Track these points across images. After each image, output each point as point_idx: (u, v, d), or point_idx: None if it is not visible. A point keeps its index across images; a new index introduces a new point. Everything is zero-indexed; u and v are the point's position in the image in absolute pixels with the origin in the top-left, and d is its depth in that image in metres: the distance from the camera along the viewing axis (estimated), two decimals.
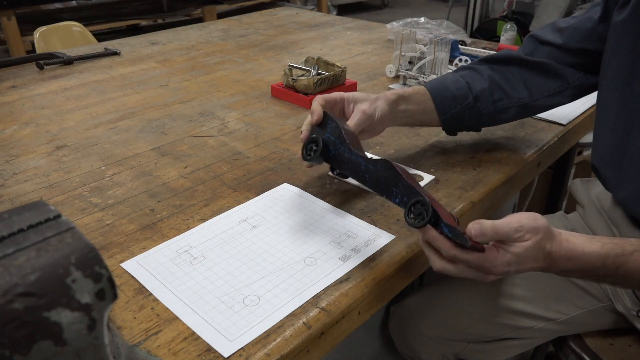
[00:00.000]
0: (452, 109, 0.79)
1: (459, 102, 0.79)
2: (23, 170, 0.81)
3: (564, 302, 0.82)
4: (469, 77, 0.81)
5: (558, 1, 3.15)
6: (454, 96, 0.79)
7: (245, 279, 0.57)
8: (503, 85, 0.80)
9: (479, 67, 0.82)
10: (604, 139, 0.74)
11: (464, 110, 0.80)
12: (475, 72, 0.81)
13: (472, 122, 0.82)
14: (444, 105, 0.79)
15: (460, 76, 0.81)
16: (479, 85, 0.80)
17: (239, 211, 0.69)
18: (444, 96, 0.79)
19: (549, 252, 0.57)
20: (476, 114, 0.80)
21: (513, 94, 0.80)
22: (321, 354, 0.54)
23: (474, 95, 0.79)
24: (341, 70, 1.08)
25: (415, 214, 0.55)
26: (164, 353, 0.48)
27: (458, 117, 0.80)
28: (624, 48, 0.68)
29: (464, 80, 0.80)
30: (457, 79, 0.80)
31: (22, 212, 0.33)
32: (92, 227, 0.67)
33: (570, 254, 0.57)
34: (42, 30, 1.83)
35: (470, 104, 0.79)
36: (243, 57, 1.40)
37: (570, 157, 1.36)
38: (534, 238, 0.55)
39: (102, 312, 0.32)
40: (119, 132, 0.94)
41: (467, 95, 0.79)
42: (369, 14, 5.73)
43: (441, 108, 0.79)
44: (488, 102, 0.80)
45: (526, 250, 0.55)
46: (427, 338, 0.89)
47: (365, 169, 0.63)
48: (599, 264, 0.57)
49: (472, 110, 0.80)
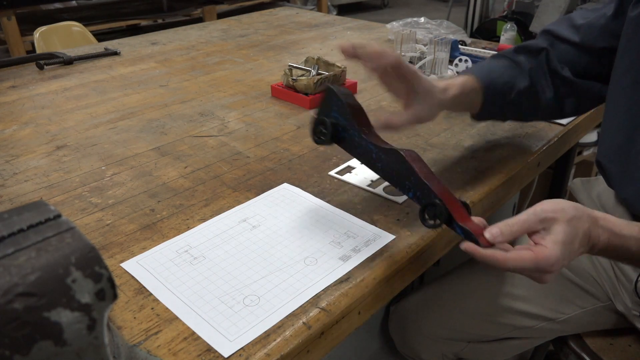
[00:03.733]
0: (495, 104, 0.79)
1: (504, 99, 0.78)
2: (23, 170, 0.81)
3: (563, 302, 0.82)
4: (513, 70, 0.79)
5: (558, 1, 3.15)
6: (502, 92, 0.78)
7: (245, 279, 0.57)
8: (537, 81, 0.79)
9: (519, 60, 0.80)
10: (611, 135, 0.74)
11: (504, 104, 0.79)
12: (517, 66, 0.80)
13: (507, 115, 0.84)
14: (491, 100, 0.78)
15: (504, 67, 0.79)
16: (521, 83, 0.79)
17: (239, 211, 0.69)
18: (493, 92, 0.77)
19: (589, 233, 0.54)
20: (513, 110, 0.81)
21: (546, 93, 0.80)
22: (321, 354, 0.54)
23: (517, 91, 0.78)
24: (341, 70, 1.08)
25: (430, 215, 0.55)
26: (164, 353, 0.48)
27: (496, 112, 0.81)
28: (636, 44, 0.68)
29: (508, 74, 0.78)
30: (503, 71, 0.79)
31: (22, 212, 0.33)
32: (92, 227, 0.67)
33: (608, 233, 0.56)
34: (42, 30, 1.83)
35: (514, 100, 0.79)
36: (243, 57, 1.40)
37: (570, 157, 1.36)
38: (564, 218, 0.53)
39: (102, 312, 0.32)
40: (119, 132, 0.94)
41: (512, 90, 0.78)
42: (369, 14, 5.73)
43: (487, 103, 0.78)
44: (526, 101, 0.80)
45: (567, 235, 0.52)
46: (427, 338, 0.89)
47: (376, 157, 0.61)
48: (635, 248, 0.56)
49: (510, 105, 0.80)
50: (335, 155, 0.85)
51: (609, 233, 0.56)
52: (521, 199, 1.39)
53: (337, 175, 0.78)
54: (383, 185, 0.75)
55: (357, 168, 0.80)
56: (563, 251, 0.52)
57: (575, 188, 0.92)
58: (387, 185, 0.75)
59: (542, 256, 0.52)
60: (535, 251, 0.52)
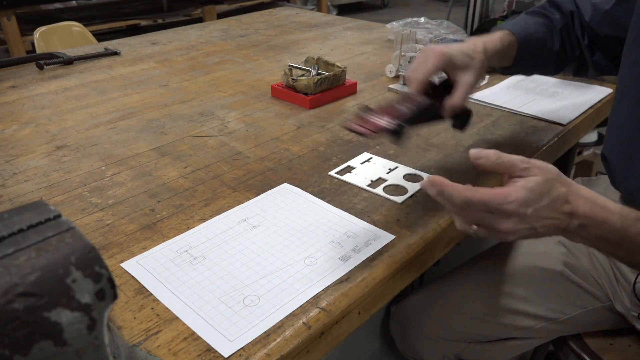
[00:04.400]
0: (527, 60, 0.81)
1: (535, 56, 0.81)
2: (23, 170, 0.81)
3: (564, 302, 0.82)
4: (546, 27, 0.82)
5: None
6: (534, 51, 0.81)
7: (245, 279, 0.57)
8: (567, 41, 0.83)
9: (554, 18, 0.83)
10: (618, 129, 0.74)
11: (536, 60, 0.82)
12: (551, 23, 0.83)
13: (533, 70, 0.88)
14: (523, 57, 0.80)
15: (539, 24, 0.82)
16: (552, 41, 0.82)
17: (239, 211, 0.69)
18: (528, 50, 0.80)
19: (566, 197, 0.52)
20: (542, 65, 0.84)
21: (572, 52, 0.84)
22: (321, 354, 0.54)
23: (548, 49, 0.82)
24: (341, 70, 1.08)
25: None
26: (164, 353, 0.48)
27: (526, 66, 0.83)
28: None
29: (541, 31, 0.81)
30: (537, 27, 0.81)
31: (22, 212, 0.33)
32: (92, 227, 0.67)
33: (590, 203, 0.52)
34: (42, 30, 1.83)
35: (544, 58, 0.82)
36: (243, 57, 1.40)
37: (570, 157, 1.36)
38: (544, 174, 0.51)
39: (102, 312, 0.32)
40: (119, 132, 0.94)
41: (543, 49, 0.81)
42: (369, 14, 5.73)
43: (520, 60, 0.80)
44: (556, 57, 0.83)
45: (539, 185, 0.50)
46: (427, 338, 0.89)
47: None
48: (619, 224, 0.53)
49: (541, 61, 0.83)
50: (335, 156, 0.85)
51: (591, 204, 0.53)
52: None
53: (337, 175, 0.78)
54: (383, 185, 0.75)
55: (357, 168, 0.80)
56: (526, 197, 0.50)
57: None
58: (387, 185, 0.75)
59: (501, 191, 0.50)
60: (497, 188, 0.51)
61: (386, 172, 0.79)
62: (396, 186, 0.75)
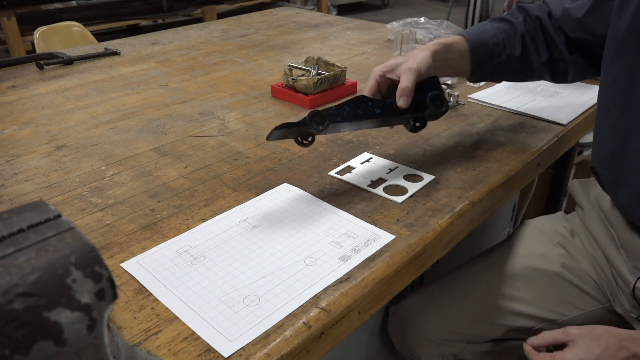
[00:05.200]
0: (485, 64, 0.81)
1: (493, 58, 0.81)
2: (23, 170, 0.81)
3: (563, 304, 0.82)
4: (505, 33, 0.82)
5: None
6: (490, 52, 0.81)
7: (245, 279, 0.57)
8: (530, 46, 0.83)
9: (516, 22, 0.83)
10: (604, 142, 0.74)
11: (495, 65, 0.82)
12: (511, 29, 0.83)
13: (498, 76, 0.86)
14: (479, 60, 0.81)
15: (498, 30, 0.82)
16: (512, 45, 0.82)
17: (239, 211, 0.69)
18: (481, 51, 0.81)
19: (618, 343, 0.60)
20: (505, 70, 0.83)
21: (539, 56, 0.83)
22: (321, 354, 0.54)
23: (507, 54, 0.81)
24: (341, 70, 1.08)
25: None
26: (164, 353, 0.48)
27: (487, 71, 0.83)
28: (626, 52, 0.68)
29: (501, 36, 0.81)
30: (495, 33, 0.82)
31: (22, 212, 0.33)
32: (92, 227, 0.67)
33: None
34: (42, 30, 1.83)
35: (502, 61, 0.82)
36: (243, 57, 1.40)
37: (570, 157, 1.36)
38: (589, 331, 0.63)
39: (102, 312, 0.32)
40: (119, 132, 0.94)
41: (502, 52, 0.81)
42: (369, 14, 5.73)
43: (476, 62, 0.81)
44: (518, 62, 0.83)
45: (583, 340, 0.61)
46: (426, 338, 0.89)
47: None
48: None
49: (502, 66, 0.82)
50: (335, 155, 0.85)
51: None
52: (521, 199, 1.39)
53: (337, 175, 0.78)
54: (383, 185, 0.75)
55: (357, 168, 0.80)
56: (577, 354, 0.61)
57: (573, 189, 0.92)
58: (387, 185, 0.75)
59: None
60: None
61: (386, 172, 0.79)
62: (396, 186, 0.75)
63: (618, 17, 0.68)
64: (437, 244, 0.67)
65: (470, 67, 0.82)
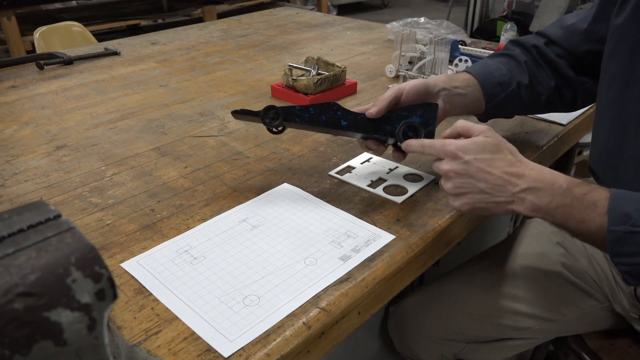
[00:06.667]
0: (497, 96, 0.79)
1: (504, 87, 0.79)
2: (23, 170, 0.81)
3: (562, 303, 0.82)
4: (509, 64, 0.80)
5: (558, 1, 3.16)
6: (500, 83, 0.78)
7: (245, 279, 0.57)
8: (536, 73, 0.81)
9: (515, 53, 0.82)
10: (601, 142, 0.74)
11: (507, 97, 0.79)
12: (513, 59, 0.81)
13: (511, 109, 0.83)
14: (492, 92, 0.78)
15: (500, 62, 0.81)
16: (519, 73, 0.80)
17: (239, 211, 0.69)
18: (491, 82, 0.78)
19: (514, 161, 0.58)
20: (518, 101, 0.80)
21: (545, 83, 0.81)
22: (321, 354, 0.54)
23: (517, 82, 0.79)
24: (341, 70, 1.08)
25: None
26: (164, 353, 0.48)
27: (501, 105, 0.80)
28: (622, 51, 0.68)
29: (505, 67, 0.80)
30: (498, 65, 0.80)
31: (22, 212, 0.33)
32: (92, 227, 0.67)
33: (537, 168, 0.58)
34: (42, 30, 1.83)
35: (514, 91, 0.79)
36: (243, 57, 1.40)
37: (570, 157, 1.36)
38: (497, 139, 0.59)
39: (102, 312, 0.32)
40: (119, 132, 0.94)
41: (511, 82, 0.79)
42: (369, 14, 5.73)
43: (489, 95, 0.78)
44: (528, 90, 0.80)
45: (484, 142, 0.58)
46: (426, 338, 0.89)
47: None
48: (565, 185, 0.56)
49: (514, 97, 0.80)
50: (335, 155, 0.85)
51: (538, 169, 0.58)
52: None
53: (337, 175, 0.78)
54: (383, 185, 0.75)
55: (357, 168, 0.80)
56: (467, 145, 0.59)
57: None
58: (387, 185, 0.75)
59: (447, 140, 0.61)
60: None
61: (386, 172, 0.79)
62: (396, 186, 0.75)
63: (617, 14, 0.68)
64: (437, 244, 0.67)
65: (483, 100, 0.78)
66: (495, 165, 0.58)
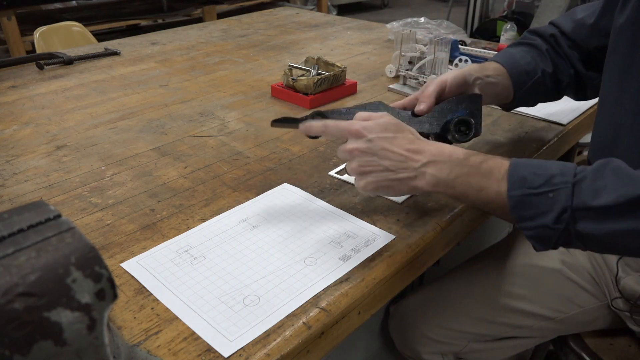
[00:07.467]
0: (525, 84, 0.79)
1: (530, 76, 0.79)
2: (23, 170, 0.81)
3: (562, 301, 0.82)
4: (531, 52, 0.81)
5: (558, 1, 3.15)
6: (526, 71, 0.79)
7: (245, 279, 0.57)
8: (558, 61, 0.81)
9: (536, 42, 0.82)
10: (599, 135, 0.74)
11: (534, 85, 0.79)
12: (535, 48, 0.81)
13: (536, 97, 0.83)
14: (520, 80, 0.78)
15: (523, 51, 0.81)
16: (544, 61, 0.80)
17: (239, 211, 0.69)
18: (519, 71, 0.78)
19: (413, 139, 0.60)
20: (542, 89, 0.81)
21: (566, 71, 0.81)
22: (321, 354, 0.54)
23: (542, 70, 0.79)
24: (341, 70, 1.08)
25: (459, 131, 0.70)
26: (164, 353, 0.48)
27: (528, 93, 0.80)
28: (623, 45, 0.68)
29: (529, 55, 0.80)
30: (522, 54, 0.80)
31: (22, 212, 0.33)
32: (92, 227, 0.67)
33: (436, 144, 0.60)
34: (42, 30, 1.83)
35: (539, 79, 0.79)
36: (243, 57, 1.40)
37: (570, 157, 1.36)
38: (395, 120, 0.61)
39: (102, 312, 0.32)
40: (119, 132, 0.94)
41: (536, 70, 0.79)
42: (369, 14, 5.73)
43: (517, 83, 0.78)
44: (551, 79, 0.81)
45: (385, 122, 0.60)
46: (426, 337, 0.89)
47: None
48: (462, 155, 0.58)
49: (540, 85, 0.80)
50: (335, 155, 0.85)
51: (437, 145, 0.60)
52: None
53: (337, 175, 0.78)
54: None
55: None
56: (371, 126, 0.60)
57: None
58: None
59: None
60: None
61: None
62: None
63: (620, 9, 0.69)
64: (437, 244, 0.67)
65: (512, 88, 0.78)
66: (397, 143, 0.59)
